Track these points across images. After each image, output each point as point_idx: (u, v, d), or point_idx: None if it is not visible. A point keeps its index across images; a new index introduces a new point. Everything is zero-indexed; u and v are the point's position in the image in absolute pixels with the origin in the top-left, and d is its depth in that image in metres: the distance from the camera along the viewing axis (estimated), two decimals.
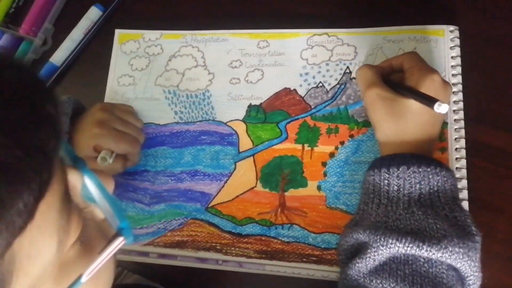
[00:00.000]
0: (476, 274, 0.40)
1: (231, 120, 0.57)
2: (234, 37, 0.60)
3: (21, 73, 0.24)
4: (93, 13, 0.66)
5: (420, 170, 0.43)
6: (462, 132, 0.51)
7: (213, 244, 0.53)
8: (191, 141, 0.57)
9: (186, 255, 0.53)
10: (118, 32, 0.64)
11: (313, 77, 0.56)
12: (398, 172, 0.43)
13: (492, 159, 0.50)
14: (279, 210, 0.52)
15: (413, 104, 0.45)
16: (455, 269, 0.41)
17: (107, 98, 0.61)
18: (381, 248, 0.40)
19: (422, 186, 0.43)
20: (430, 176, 0.43)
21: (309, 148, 0.54)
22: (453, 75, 0.53)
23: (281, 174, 0.54)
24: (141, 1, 0.67)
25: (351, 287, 0.43)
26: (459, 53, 0.53)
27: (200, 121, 0.58)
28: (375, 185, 0.45)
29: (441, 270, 0.40)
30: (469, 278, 0.40)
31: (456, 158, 0.50)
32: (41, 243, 0.24)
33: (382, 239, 0.40)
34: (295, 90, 0.56)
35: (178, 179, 0.56)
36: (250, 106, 0.57)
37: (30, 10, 0.68)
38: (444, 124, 0.51)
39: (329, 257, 0.50)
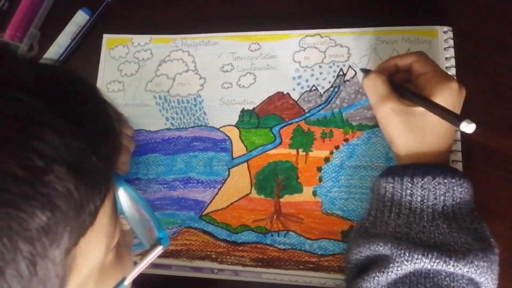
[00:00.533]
0: (494, 287, 0.40)
1: (224, 126, 0.56)
2: (225, 40, 0.59)
3: (94, 90, 0.28)
4: (80, 18, 0.65)
5: (445, 181, 0.41)
6: (458, 134, 0.50)
7: (208, 253, 0.52)
8: (184, 148, 0.56)
9: (180, 265, 0.52)
10: (106, 37, 0.63)
11: (306, 81, 0.55)
12: (423, 182, 0.42)
13: (488, 161, 0.49)
14: (275, 217, 0.52)
15: (430, 118, 0.43)
16: (474, 283, 0.40)
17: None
18: (406, 263, 0.39)
19: (446, 198, 0.41)
20: (455, 188, 0.41)
21: (304, 153, 0.53)
22: None
23: (276, 180, 0.53)
24: (129, 5, 0.65)
25: None
26: (453, 54, 0.52)
27: (192, 127, 0.57)
28: (394, 194, 0.43)
29: (461, 285, 0.39)
30: None
31: (452, 161, 0.49)
32: (94, 245, 0.26)
33: (407, 254, 0.39)
34: (288, 94, 0.56)
35: (170, 187, 0.55)
36: (243, 111, 0.56)
37: (15, 15, 0.66)
38: None
39: (326, 263, 0.49)
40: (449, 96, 0.42)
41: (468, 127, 0.38)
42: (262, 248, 0.51)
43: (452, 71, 0.52)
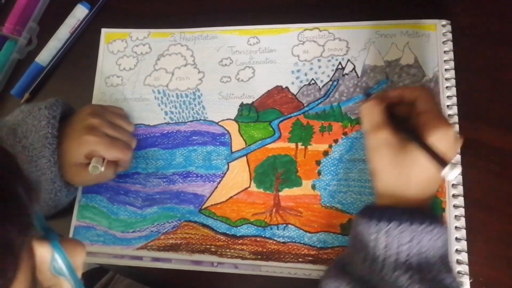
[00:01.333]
0: None
1: (223, 120, 0.56)
2: (224, 34, 0.59)
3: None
4: (79, 11, 0.65)
5: (411, 228, 0.39)
6: (456, 128, 0.50)
7: (208, 246, 0.52)
8: (183, 142, 0.56)
9: (180, 258, 0.52)
10: (104, 31, 0.63)
11: (305, 74, 0.56)
12: (387, 228, 0.39)
13: (486, 157, 0.49)
14: (274, 210, 0.52)
15: (420, 157, 0.41)
16: None
17: (95, 99, 0.60)
18: None
19: (412, 245, 0.39)
20: (422, 236, 0.39)
21: (303, 146, 0.53)
22: (446, 69, 0.52)
23: (275, 174, 0.53)
24: None
25: None
26: (451, 48, 0.53)
27: (191, 121, 0.57)
28: (363, 236, 0.41)
29: None
30: None
31: None
32: None
33: None
34: (287, 88, 0.56)
35: (170, 181, 0.55)
36: (242, 105, 0.56)
37: (14, 8, 0.66)
38: None
39: (325, 256, 0.49)
40: (444, 140, 0.41)
41: (450, 173, 0.38)
42: (262, 241, 0.51)
43: (451, 65, 0.52)
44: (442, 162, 0.39)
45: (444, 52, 0.53)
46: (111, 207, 0.55)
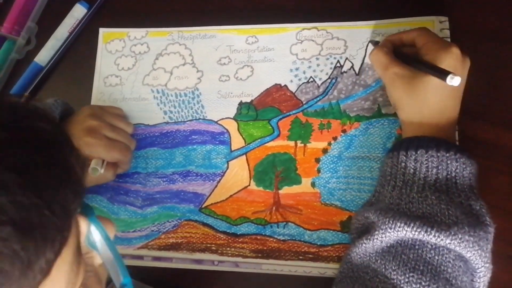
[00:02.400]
0: (487, 265, 0.40)
1: (222, 119, 0.56)
2: (222, 33, 0.59)
3: (54, 129, 0.26)
4: (78, 11, 0.64)
5: (438, 154, 0.42)
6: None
7: (208, 245, 0.52)
8: (182, 141, 0.56)
9: (181, 257, 0.52)
10: (102, 31, 0.63)
11: (304, 72, 0.56)
12: (416, 155, 0.43)
13: (485, 154, 0.49)
14: (274, 208, 0.52)
15: (432, 80, 0.44)
16: (463, 261, 0.40)
17: (94, 99, 0.60)
18: (389, 230, 0.40)
19: (439, 171, 0.42)
20: (449, 162, 0.42)
21: (302, 144, 0.53)
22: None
23: (274, 172, 0.53)
24: None
25: (354, 264, 0.43)
26: None
27: (190, 120, 0.57)
28: (392, 167, 0.45)
29: (447, 259, 0.39)
30: (479, 269, 0.40)
31: None
32: (60, 267, 0.25)
33: (391, 222, 0.40)
34: (285, 86, 0.56)
35: (170, 180, 0.55)
36: (240, 103, 0.56)
37: (12, 8, 0.66)
38: None
39: (325, 253, 0.50)
40: (450, 59, 0.44)
41: (452, 80, 0.40)
42: (262, 239, 0.51)
43: None
44: (442, 72, 0.42)
45: None
46: (111, 207, 0.56)
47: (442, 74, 0.42)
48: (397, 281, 0.39)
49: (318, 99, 0.55)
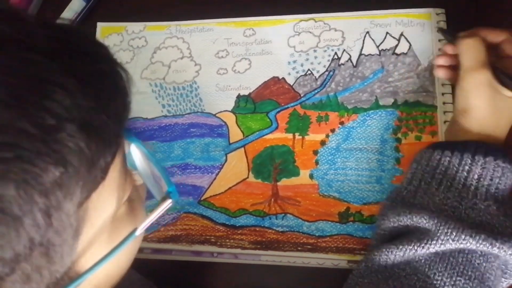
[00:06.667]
0: None
1: (220, 112, 0.56)
2: (220, 26, 0.59)
3: (105, 50, 0.28)
4: (76, 4, 0.64)
5: (503, 165, 0.41)
6: (452, 115, 0.51)
7: (208, 237, 0.52)
8: (181, 134, 0.57)
9: (180, 249, 0.53)
10: (100, 25, 0.63)
11: (301, 65, 0.56)
12: (484, 161, 0.41)
13: None
14: (272, 200, 0.52)
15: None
16: (500, 268, 0.39)
17: None
18: (451, 242, 0.38)
19: (500, 181, 0.41)
20: (509, 174, 0.41)
21: (300, 137, 0.54)
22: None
23: (273, 164, 0.53)
24: None
25: (389, 264, 0.41)
26: None
27: (188, 113, 0.57)
28: (449, 168, 0.42)
29: (492, 267, 0.39)
30: None
31: None
32: (106, 198, 0.27)
33: (454, 233, 0.38)
34: (283, 78, 0.56)
35: (169, 173, 0.56)
36: (238, 96, 0.56)
37: (10, 2, 0.66)
38: (434, 108, 0.51)
39: (323, 244, 0.50)
40: None
41: None
42: (261, 231, 0.52)
43: None
44: None
45: (439, 40, 0.53)
46: None
47: None
48: (441, 283, 0.38)
49: (316, 91, 0.55)
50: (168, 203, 0.34)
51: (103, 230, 0.29)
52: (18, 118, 0.21)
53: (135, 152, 0.33)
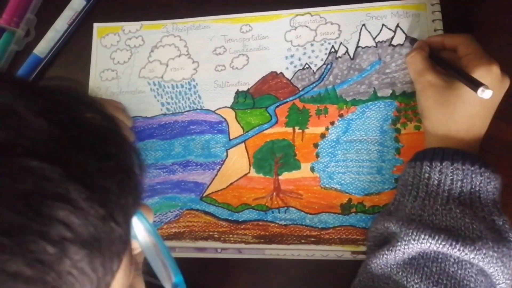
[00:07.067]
0: (508, 282, 0.39)
1: (220, 108, 0.57)
2: (216, 23, 0.59)
3: (107, 123, 0.24)
4: (77, 3, 0.64)
5: (463, 168, 0.41)
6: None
7: (211, 233, 0.53)
8: (180, 132, 0.57)
9: (184, 246, 0.53)
10: (96, 26, 0.63)
11: (299, 59, 0.56)
12: (441, 167, 0.42)
13: (485, 149, 0.47)
14: (274, 194, 0.52)
15: (465, 94, 0.43)
16: (485, 275, 0.39)
17: (91, 93, 0.60)
18: (412, 242, 0.39)
19: (463, 184, 0.41)
20: (473, 176, 0.41)
21: (300, 130, 0.54)
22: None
23: (273, 159, 0.54)
24: None
25: (374, 275, 0.42)
26: (442, 27, 0.53)
27: (188, 111, 0.57)
28: (414, 177, 0.44)
29: (469, 274, 0.38)
30: (500, 285, 0.39)
31: None
32: (119, 276, 0.25)
33: (415, 234, 0.39)
34: (281, 73, 0.56)
35: (170, 171, 0.56)
36: (237, 92, 0.57)
37: (11, 0, 0.65)
38: None
39: (327, 236, 0.50)
40: (488, 76, 0.42)
41: (483, 93, 0.39)
42: (264, 225, 0.52)
43: None
44: (475, 83, 0.41)
45: (435, 30, 0.53)
46: None
47: (474, 84, 0.40)
48: None
49: (314, 85, 0.55)
50: None
51: None
52: (12, 259, 0.18)
53: (137, 223, 0.29)
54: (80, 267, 0.20)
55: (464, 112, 0.44)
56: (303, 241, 0.51)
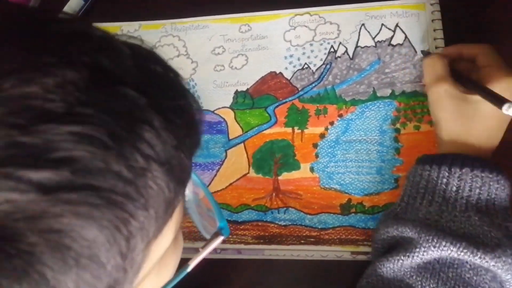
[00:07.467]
0: None
1: (219, 108, 0.57)
2: (215, 23, 0.59)
3: (176, 76, 0.28)
4: (75, 3, 0.64)
5: (483, 175, 0.41)
6: None
7: None
8: None
9: (184, 247, 0.53)
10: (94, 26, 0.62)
11: (298, 59, 0.56)
12: (460, 173, 0.41)
13: None
14: (274, 194, 0.52)
15: (483, 107, 0.42)
16: (497, 282, 0.39)
17: None
18: (432, 249, 0.39)
19: (481, 192, 0.41)
20: (491, 183, 0.41)
21: (299, 130, 0.54)
22: (436, 48, 0.53)
23: (273, 159, 0.53)
24: None
25: (385, 278, 0.42)
26: (441, 26, 0.53)
27: None
28: (429, 181, 0.43)
29: (484, 280, 0.39)
30: None
31: None
32: (166, 233, 0.27)
33: (435, 240, 0.39)
34: (281, 73, 0.56)
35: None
36: (236, 92, 0.56)
37: (9, 0, 0.65)
38: None
39: (326, 237, 0.50)
40: (507, 91, 0.41)
41: (509, 110, 0.38)
42: (263, 225, 0.52)
43: (441, 43, 0.53)
44: (499, 99, 0.39)
45: (434, 30, 0.53)
46: None
47: (499, 101, 0.39)
48: None
49: (313, 85, 0.55)
50: (219, 240, 0.33)
51: (154, 266, 0.28)
52: (116, 161, 0.21)
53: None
54: (160, 183, 0.23)
55: (482, 125, 0.43)
56: (302, 241, 0.50)
